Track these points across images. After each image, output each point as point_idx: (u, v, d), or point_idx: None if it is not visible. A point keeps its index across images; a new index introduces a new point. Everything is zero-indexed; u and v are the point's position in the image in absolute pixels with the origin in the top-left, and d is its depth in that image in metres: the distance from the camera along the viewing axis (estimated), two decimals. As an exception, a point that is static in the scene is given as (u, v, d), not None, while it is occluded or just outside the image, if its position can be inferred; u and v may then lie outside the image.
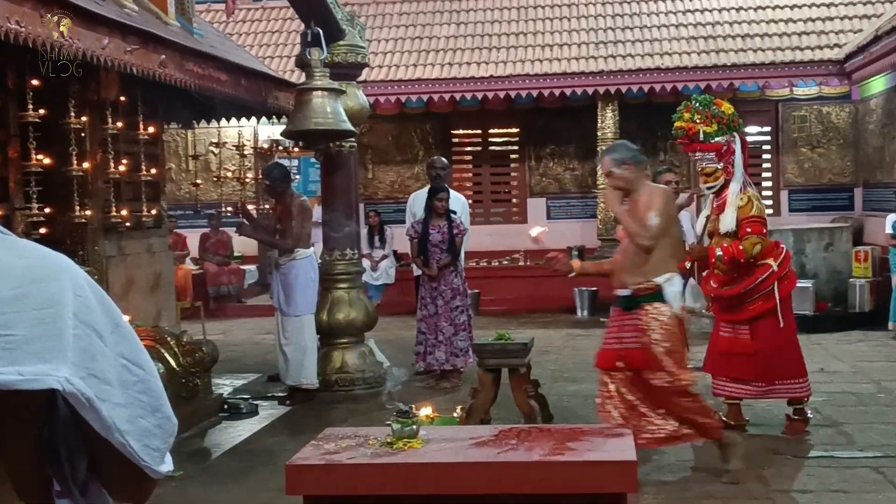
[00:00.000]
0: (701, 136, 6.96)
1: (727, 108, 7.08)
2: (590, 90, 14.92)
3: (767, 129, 15.96)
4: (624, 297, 5.89)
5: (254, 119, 11.12)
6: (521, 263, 15.55)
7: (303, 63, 8.69)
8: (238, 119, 10.98)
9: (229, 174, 11.01)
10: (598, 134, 15.16)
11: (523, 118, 16.42)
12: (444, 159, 10.54)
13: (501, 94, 15.08)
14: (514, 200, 16.95)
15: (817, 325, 11.59)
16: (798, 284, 7.83)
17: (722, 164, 6.98)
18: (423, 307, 9.48)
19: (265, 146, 14.91)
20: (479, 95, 15.16)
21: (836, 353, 10.34)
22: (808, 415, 7.27)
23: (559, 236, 15.57)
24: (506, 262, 15.66)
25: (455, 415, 6.28)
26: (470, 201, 14.05)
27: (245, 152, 10.56)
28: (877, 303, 12.43)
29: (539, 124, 16.33)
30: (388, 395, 9.02)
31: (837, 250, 12.87)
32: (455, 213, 9.64)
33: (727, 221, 6.99)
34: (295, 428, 7.87)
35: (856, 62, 13.86)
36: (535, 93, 15.08)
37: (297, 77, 11.84)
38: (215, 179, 11.08)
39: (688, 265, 7.29)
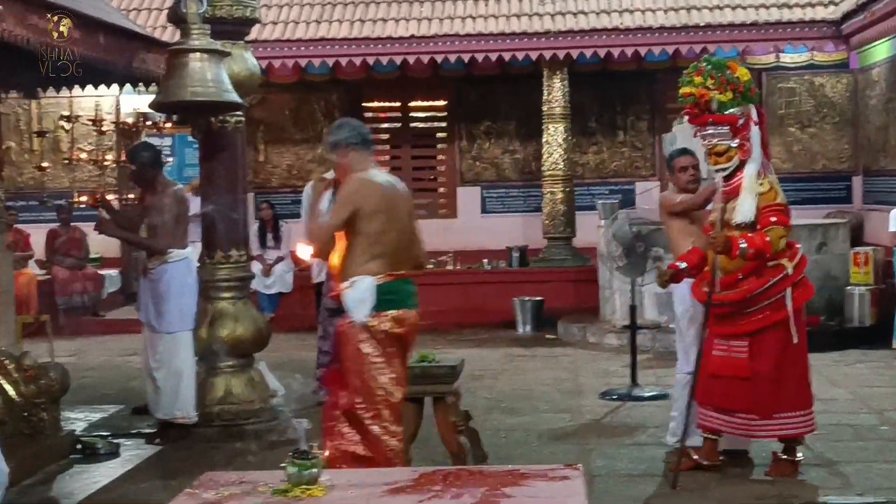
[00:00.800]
0: (715, 105, 6.96)
1: (742, 73, 7.05)
2: (533, 54, 14.99)
3: (749, 103, 16.15)
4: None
5: (115, 87, 10.99)
6: (450, 267, 15.57)
7: (177, 18, 8.60)
8: (95, 87, 10.84)
9: (84, 155, 10.92)
10: (544, 108, 15.24)
11: (452, 88, 16.47)
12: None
13: (425, 59, 15.09)
14: (442, 190, 17.01)
15: (808, 342, 11.65)
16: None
17: (737, 142, 6.99)
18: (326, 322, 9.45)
19: (129, 121, 14.75)
20: (398, 59, 15.16)
21: (830, 377, 10.47)
22: (799, 456, 7.27)
23: (496, 234, 15.65)
24: (431, 266, 15.62)
25: (366, 455, 6.28)
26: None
27: (104, 128, 10.47)
28: (879, 315, 12.62)
29: (472, 96, 16.40)
30: (283, 431, 8.97)
31: (832, 251, 13.00)
32: (367, 204, 9.61)
33: (744, 210, 6.91)
34: (167, 472, 7.80)
35: (854, 23, 14.08)
36: (466, 57, 15.12)
37: (171, 35, 11.72)
38: (66, 162, 10.99)
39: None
